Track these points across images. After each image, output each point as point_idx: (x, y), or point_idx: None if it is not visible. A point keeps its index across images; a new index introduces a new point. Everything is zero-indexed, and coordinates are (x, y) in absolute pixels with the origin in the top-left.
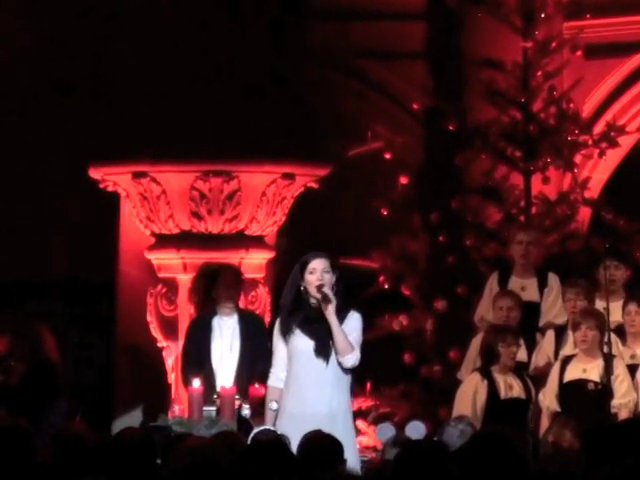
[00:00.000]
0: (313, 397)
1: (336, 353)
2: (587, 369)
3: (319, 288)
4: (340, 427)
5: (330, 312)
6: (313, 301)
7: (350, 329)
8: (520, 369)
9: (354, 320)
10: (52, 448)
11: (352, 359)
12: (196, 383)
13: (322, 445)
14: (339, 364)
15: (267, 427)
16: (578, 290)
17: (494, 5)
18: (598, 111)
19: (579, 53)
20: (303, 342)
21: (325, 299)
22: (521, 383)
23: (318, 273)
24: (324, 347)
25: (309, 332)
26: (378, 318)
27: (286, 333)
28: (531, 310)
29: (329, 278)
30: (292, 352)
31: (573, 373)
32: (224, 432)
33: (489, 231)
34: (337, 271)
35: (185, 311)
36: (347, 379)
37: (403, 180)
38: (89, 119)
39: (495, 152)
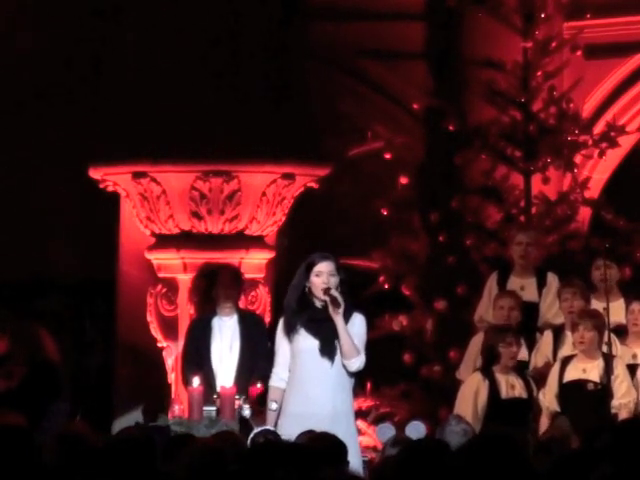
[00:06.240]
0: (317, 397)
1: (341, 356)
2: (587, 369)
3: (326, 291)
4: (343, 427)
5: (339, 315)
6: (318, 302)
7: (354, 332)
8: (522, 368)
9: (358, 322)
10: (56, 449)
11: (357, 363)
12: (196, 382)
13: (325, 446)
14: (344, 367)
15: (267, 427)
16: (575, 290)
17: (494, 5)
18: (598, 111)
19: (579, 53)
20: (308, 342)
21: (334, 303)
22: (523, 383)
23: (324, 276)
24: (329, 347)
25: (314, 332)
26: (378, 318)
27: (290, 333)
28: (530, 310)
29: (335, 281)
30: (296, 352)
31: (573, 373)
32: (224, 432)
33: (489, 231)
34: (342, 273)
35: (185, 311)
36: (350, 379)
37: (403, 180)
38: (89, 119)
39: (495, 152)
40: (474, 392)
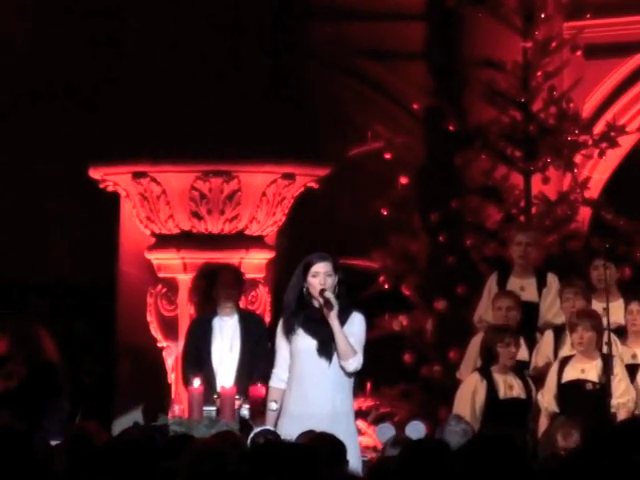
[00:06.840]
0: (316, 397)
1: (338, 357)
2: (585, 369)
3: (321, 292)
4: (343, 427)
5: (332, 317)
6: (316, 302)
7: (353, 331)
8: (521, 368)
9: (357, 322)
10: (69, 450)
11: (354, 363)
12: (196, 383)
13: (325, 446)
14: (341, 367)
15: (267, 427)
16: (576, 290)
17: (494, 5)
18: (598, 111)
19: (579, 53)
20: (306, 342)
21: (327, 304)
22: (522, 383)
23: (321, 277)
24: (327, 346)
25: (312, 332)
26: (378, 318)
27: (289, 333)
28: (530, 310)
29: (332, 281)
30: (295, 352)
31: (571, 373)
32: (224, 432)
33: (489, 231)
34: (340, 273)
35: (185, 311)
36: (350, 379)
37: (403, 180)
38: (89, 119)
39: (495, 152)
40: (472, 392)
